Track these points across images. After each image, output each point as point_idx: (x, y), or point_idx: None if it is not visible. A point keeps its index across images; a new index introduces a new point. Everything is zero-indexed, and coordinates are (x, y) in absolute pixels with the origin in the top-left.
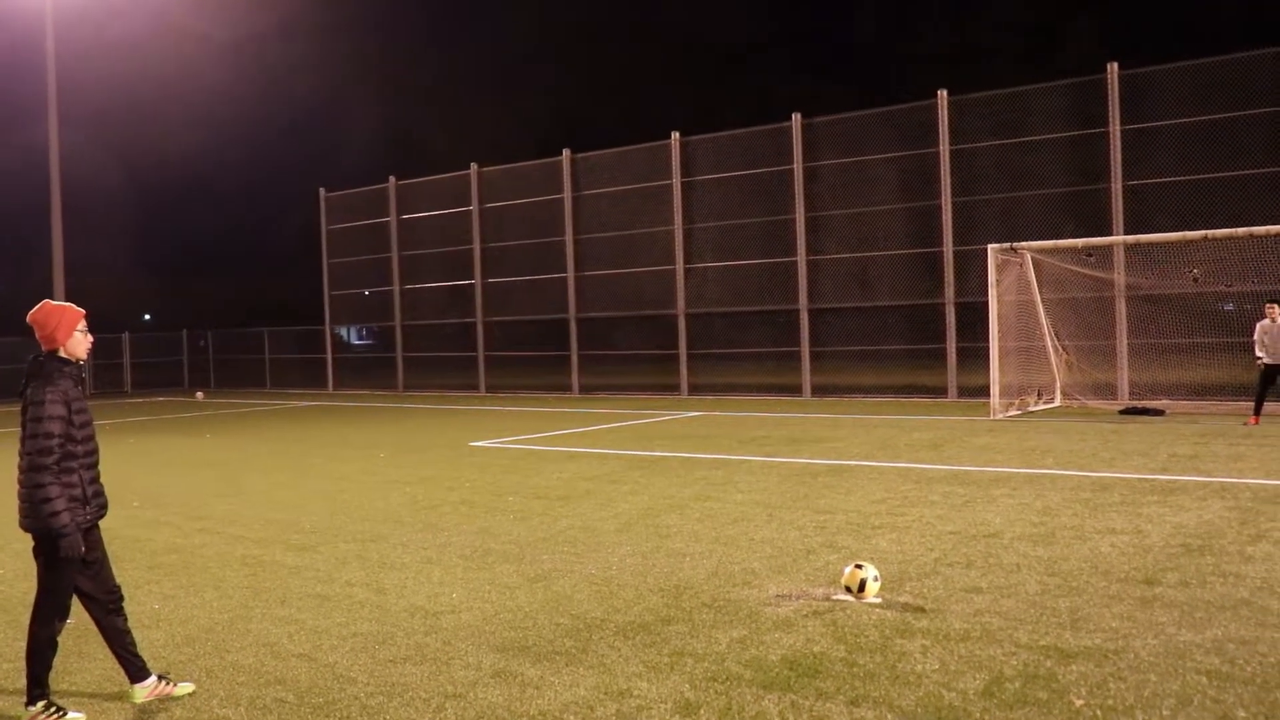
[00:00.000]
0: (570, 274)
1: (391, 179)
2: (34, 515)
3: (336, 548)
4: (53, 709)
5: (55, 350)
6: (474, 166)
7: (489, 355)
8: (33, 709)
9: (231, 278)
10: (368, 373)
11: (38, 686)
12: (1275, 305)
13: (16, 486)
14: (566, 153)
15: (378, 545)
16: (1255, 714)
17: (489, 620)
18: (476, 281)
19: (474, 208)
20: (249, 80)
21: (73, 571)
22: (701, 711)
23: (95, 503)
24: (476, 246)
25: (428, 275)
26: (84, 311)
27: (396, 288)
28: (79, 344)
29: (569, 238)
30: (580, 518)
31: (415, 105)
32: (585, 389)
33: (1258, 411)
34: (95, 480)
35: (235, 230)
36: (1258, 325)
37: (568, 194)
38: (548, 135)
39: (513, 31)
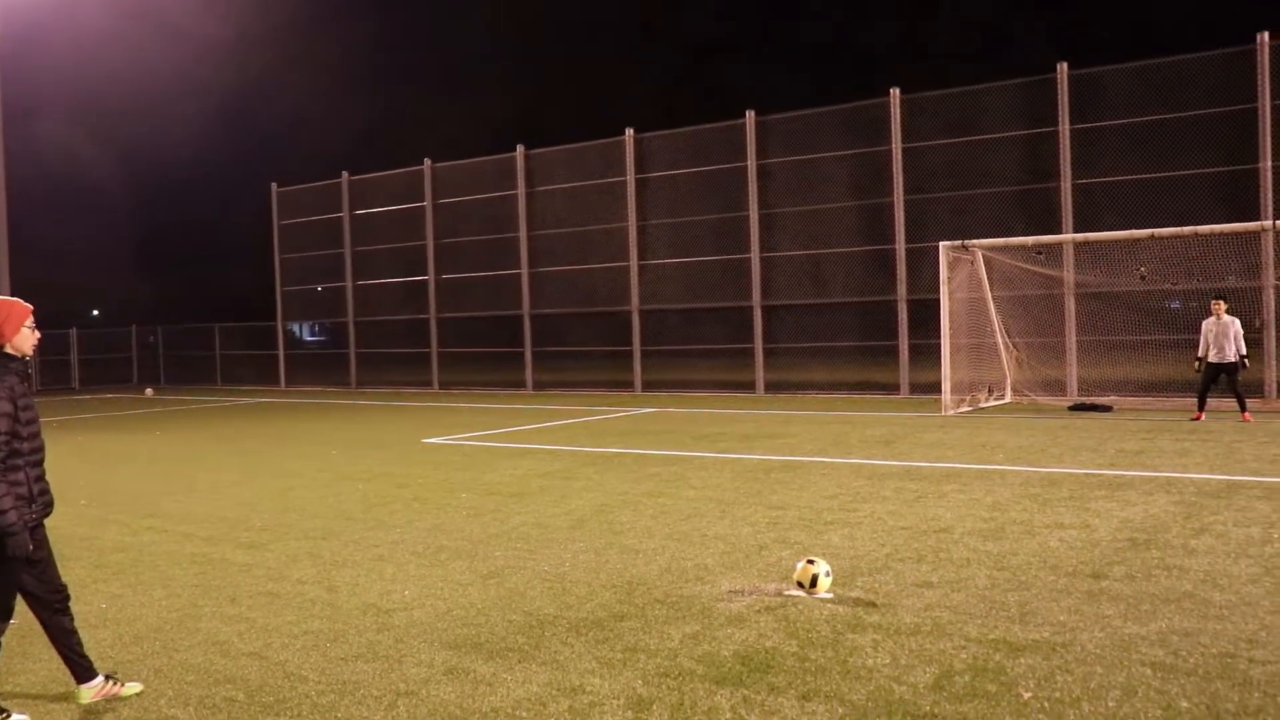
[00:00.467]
0: (524, 270)
1: (345, 174)
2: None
3: (287, 545)
4: None
5: (1, 347)
6: (428, 162)
7: (442, 352)
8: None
9: (182, 273)
10: (320, 369)
11: None
12: (1221, 302)
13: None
14: (520, 149)
15: (329, 542)
16: (1197, 704)
17: (441, 617)
18: (430, 278)
19: (427, 203)
20: (198, 74)
21: (18, 571)
22: (654, 707)
23: (41, 501)
24: (430, 242)
25: (381, 271)
26: (31, 307)
27: (349, 284)
28: (26, 340)
29: (523, 234)
30: (533, 514)
31: (369, 100)
32: (539, 385)
33: (1201, 407)
34: (41, 478)
35: (185, 225)
36: (1204, 323)
37: (521, 190)
38: (502, 131)
39: (468, 27)
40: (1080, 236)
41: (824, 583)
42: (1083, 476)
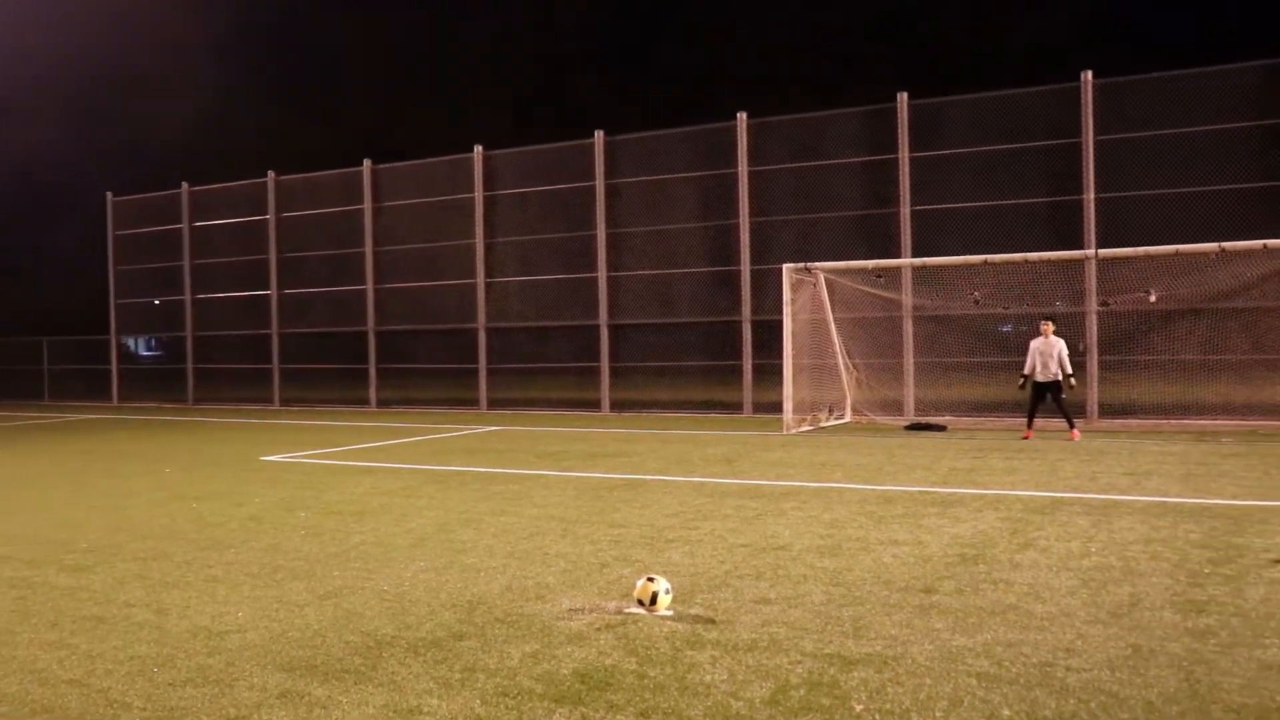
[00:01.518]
0: (369, 286)
1: (184, 185)
2: None
3: (115, 567)
4: None
5: None
6: (271, 174)
7: (284, 368)
8: None
9: (5, 285)
10: (156, 385)
11: None
12: (1049, 322)
13: None
14: (367, 163)
15: (160, 564)
16: (1018, 712)
17: (276, 639)
18: (272, 292)
19: (271, 216)
20: (31, 79)
21: None
22: None
23: None
24: (273, 256)
25: (222, 285)
26: None
27: (188, 297)
28: None
29: (369, 249)
30: (374, 533)
31: (211, 110)
32: (383, 403)
33: (1030, 425)
34: None
35: (9, 235)
36: (1031, 342)
37: (368, 205)
38: (350, 145)
39: (317, 38)
40: (918, 261)
41: (664, 600)
42: (917, 494)
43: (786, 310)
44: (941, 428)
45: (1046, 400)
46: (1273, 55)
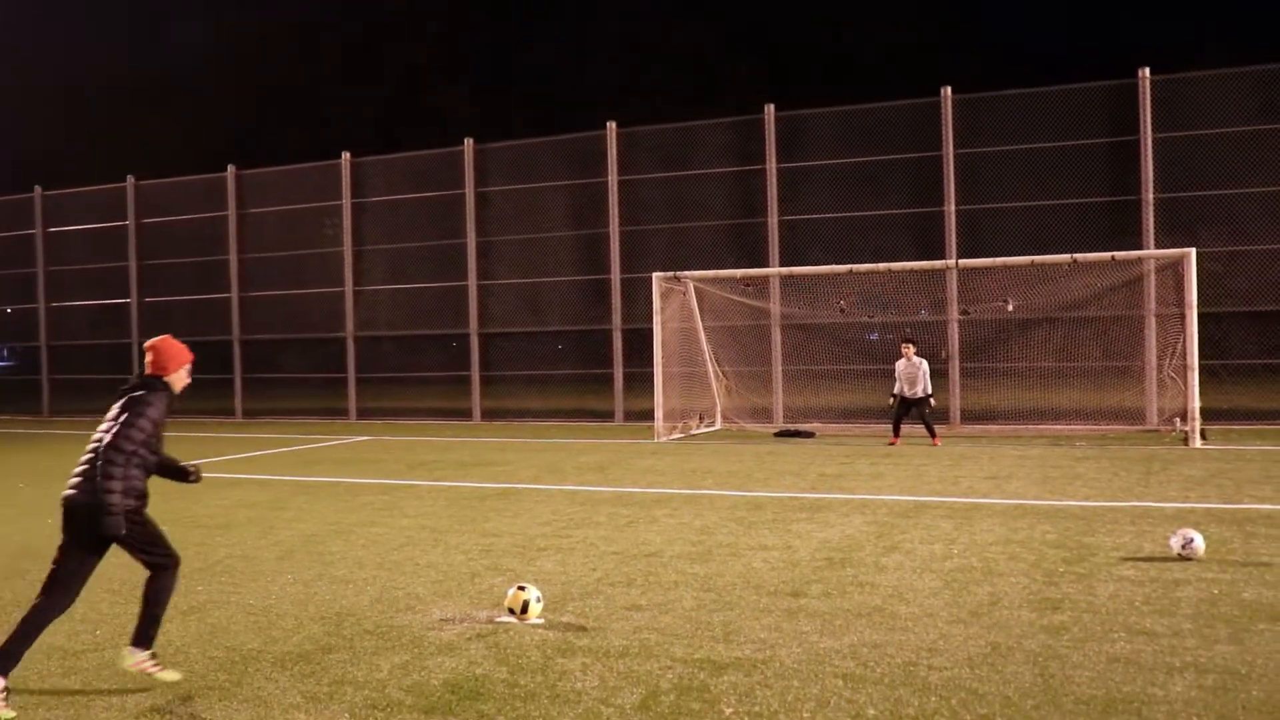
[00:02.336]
0: (234, 294)
1: (37, 189)
2: (92, 491)
3: None
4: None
5: (160, 376)
6: (130, 179)
7: None
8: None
9: None
10: (8, 396)
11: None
12: (910, 345)
13: (80, 468)
14: (231, 168)
15: (12, 583)
16: (883, 711)
17: None
18: (133, 300)
19: (130, 222)
20: None
21: (96, 559)
22: None
23: (144, 499)
24: (133, 263)
25: (79, 293)
26: (193, 356)
27: (42, 305)
28: (180, 380)
29: (233, 257)
30: (239, 546)
31: (65, 114)
32: (249, 413)
33: (896, 433)
34: (146, 483)
35: None
36: (897, 364)
37: (232, 211)
38: (213, 151)
39: (178, 41)
40: (786, 270)
41: (535, 608)
42: (786, 500)
43: (657, 319)
44: (810, 434)
45: (911, 413)
46: (1122, 75)
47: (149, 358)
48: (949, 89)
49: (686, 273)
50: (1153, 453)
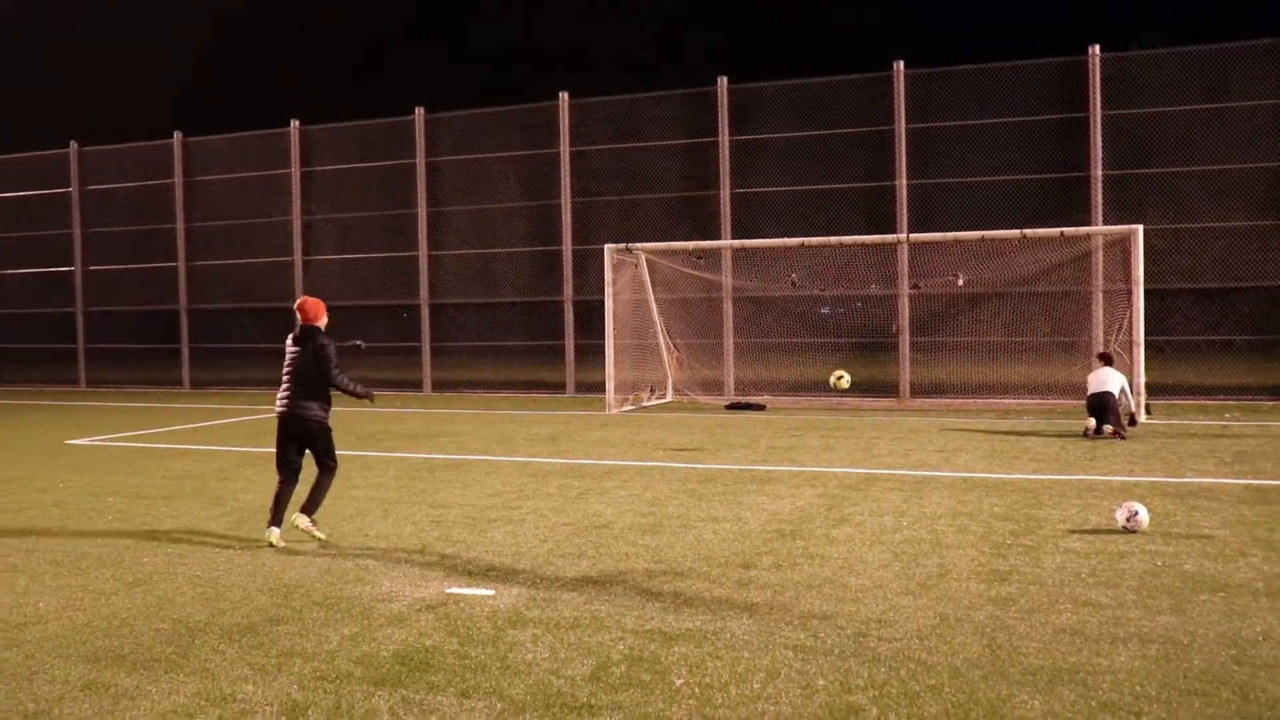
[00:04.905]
0: (181, 263)
1: None
2: (324, 408)
3: None
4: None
5: (314, 324)
6: (74, 145)
7: (90, 348)
8: (304, 518)
9: None
10: None
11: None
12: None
13: (288, 395)
14: (178, 135)
15: None
16: (833, 682)
17: (80, 629)
18: (77, 268)
19: (74, 189)
20: None
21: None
22: (310, 712)
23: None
24: (77, 230)
25: (20, 260)
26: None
27: None
28: (326, 323)
29: (180, 225)
30: (186, 518)
31: (5, 78)
32: (197, 384)
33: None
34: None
35: None
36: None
37: (179, 179)
38: (158, 117)
39: (126, 3)
40: (737, 243)
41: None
42: (737, 472)
43: (608, 291)
44: (761, 407)
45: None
46: (1072, 52)
47: (301, 316)
48: (901, 63)
49: (638, 245)
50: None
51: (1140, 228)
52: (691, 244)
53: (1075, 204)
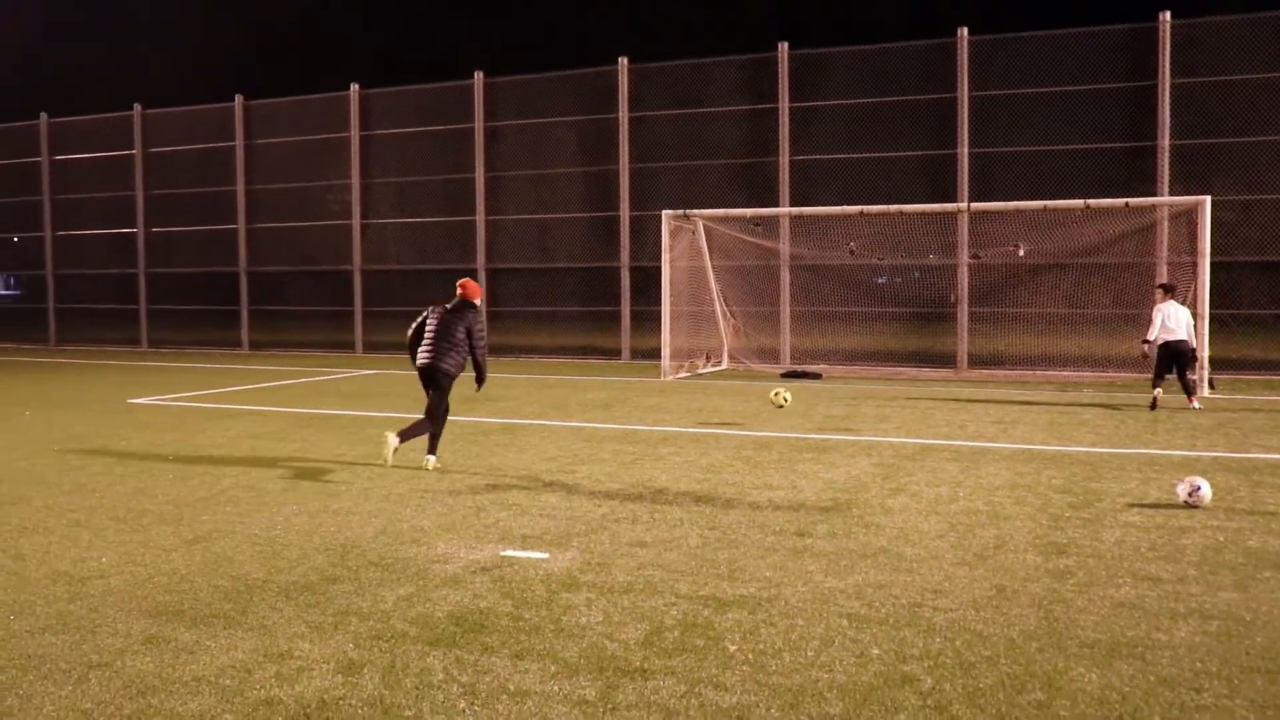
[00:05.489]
0: (241, 225)
1: (43, 115)
2: (457, 364)
3: None
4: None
5: (471, 300)
6: (138, 108)
7: (152, 309)
8: (431, 458)
9: None
10: (14, 325)
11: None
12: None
13: (431, 350)
14: (239, 98)
15: (18, 508)
16: (887, 651)
17: (141, 585)
18: (139, 230)
19: (137, 152)
20: None
21: (441, 393)
22: (365, 670)
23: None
24: (140, 193)
25: (86, 221)
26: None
27: (49, 234)
28: (479, 301)
29: (240, 188)
30: (244, 477)
31: (75, 40)
32: (255, 345)
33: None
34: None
35: None
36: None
37: (240, 142)
38: (221, 80)
39: None
40: (795, 211)
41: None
42: (792, 440)
43: (665, 257)
44: (817, 375)
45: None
46: (1141, 18)
47: (460, 290)
48: (965, 30)
49: (696, 211)
50: (1161, 401)
51: (1208, 199)
52: (749, 211)
53: (1140, 174)
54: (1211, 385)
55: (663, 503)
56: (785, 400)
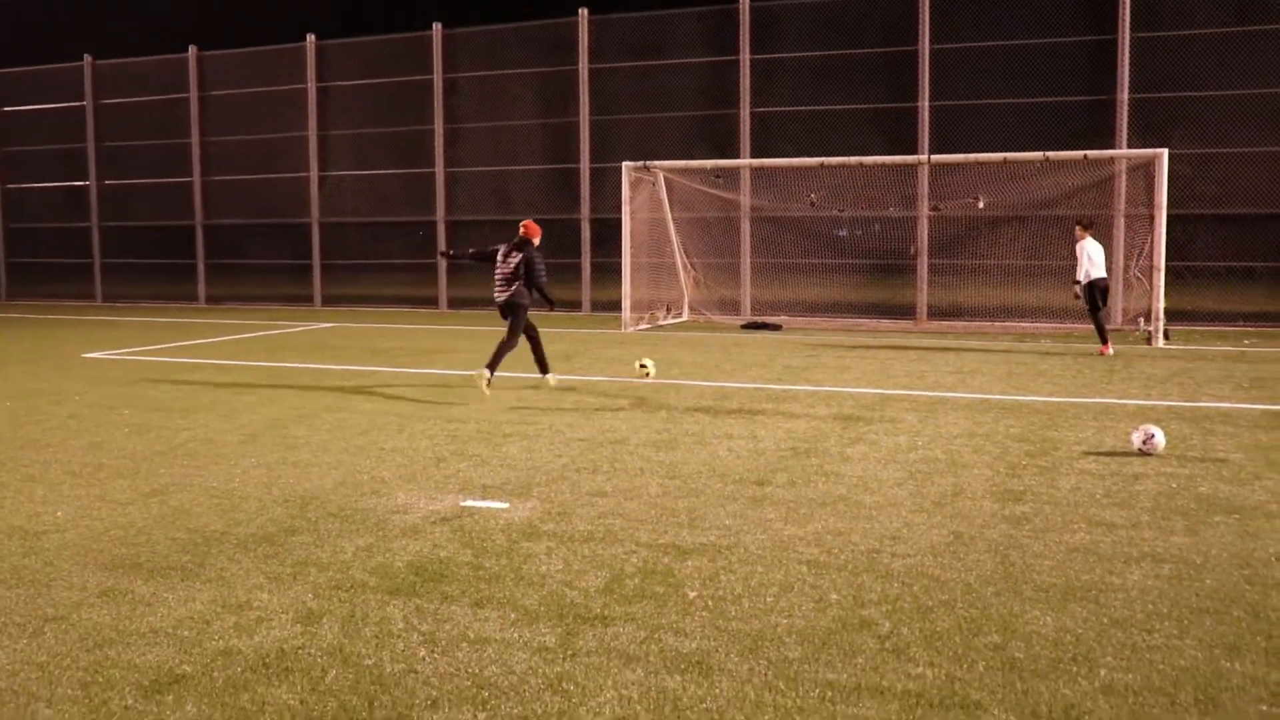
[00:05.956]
0: (196, 179)
1: None
2: (521, 296)
3: None
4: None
5: (532, 240)
6: (88, 59)
7: (107, 262)
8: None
9: None
10: None
11: (492, 369)
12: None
13: (504, 286)
14: (193, 49)
15: None
16: (846, 596)
17: (98, 538)
18: (92, 183)
19: (88, 103)
20: None
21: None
22: (324, 620)
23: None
24: (91, 145)
25: (37, 174)
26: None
27: None
28: (538, 240)
29: (195, 140)
30: (202, 430)
31: None
32: (213, 299)
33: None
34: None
35: None
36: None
37: (194, 94)
38: (174, 31)
39: None
40: (756, 162)
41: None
42: (752, 390)
43: (625, 209)
44: (777, 327)
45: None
46: None
47: (522, 231)
48: None
49: (657, 163)
50: (1116, 351)
51: (1165, 152)
52: (710, 162)
53: (1100, 128)
54: (1166, 336)
55: (623, 453)
56: (648, 370)
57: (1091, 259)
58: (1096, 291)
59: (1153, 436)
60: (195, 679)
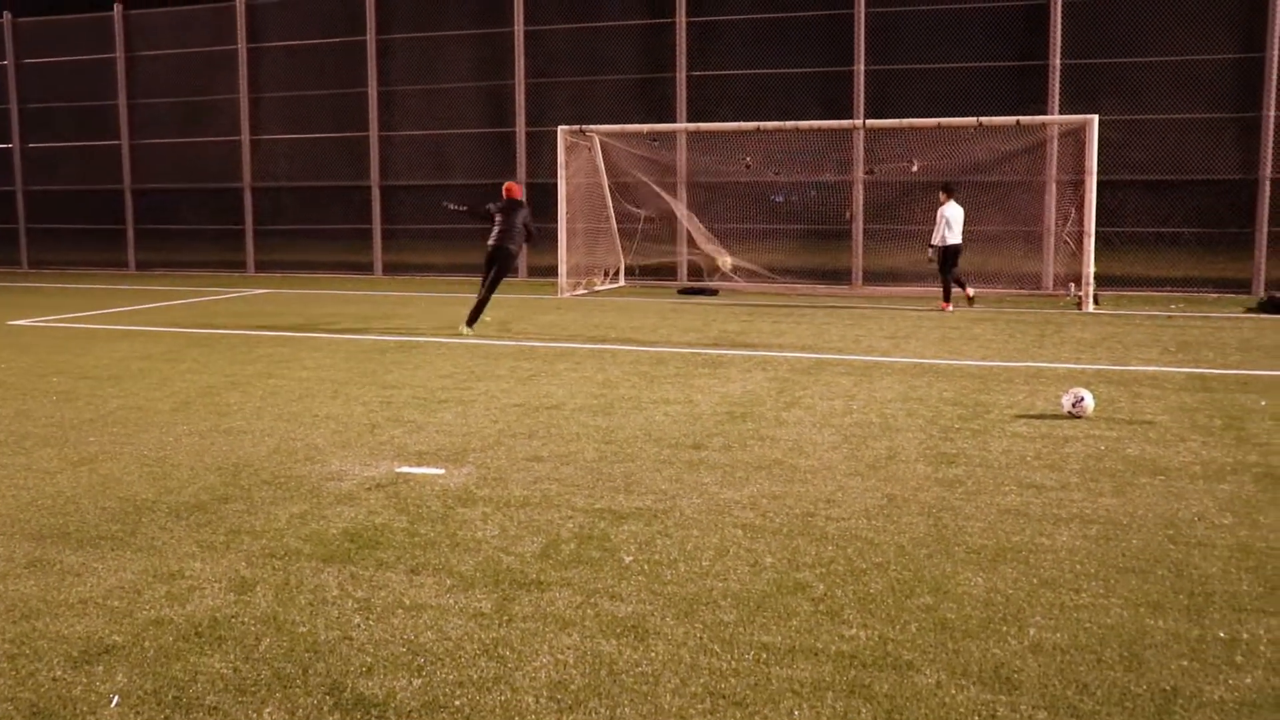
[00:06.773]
0: (124, 141)
1: None
2: (516, 245)
3: None
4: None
5: (520, 199)
6: (8, 16)
7: (31, 227)
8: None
9: None
10: None
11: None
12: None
13: (501, 235)
14: (119, 8)
15: None
16: (780, 559)
17: (24, 508)
18: (15, 145)
19: (9, 62)
20: None
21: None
22: (258, 588)
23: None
24: (13, 106)
25: None
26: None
27: None
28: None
29: (122, 102)
30: (132, 397)
31: None
32: (143, 265)
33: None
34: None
35: None
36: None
37: (120, 54)
38: None
39: None
40: (692, 126)
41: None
42: (688, 355)
43: (561, 173)
44: (714, 292)
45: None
46: None
47: (508, 193)
48: None
49: (593, 127)
50: (1047, 316)
51: (1095, 118)
52: (646, 127)
53: (1032, 93)
54: (1096, 301)
55: (559, 418)
56: (728, 261)
57: (950, 224)
58: (949, 254)
59: (1082, 400)
60: (126, 649)
